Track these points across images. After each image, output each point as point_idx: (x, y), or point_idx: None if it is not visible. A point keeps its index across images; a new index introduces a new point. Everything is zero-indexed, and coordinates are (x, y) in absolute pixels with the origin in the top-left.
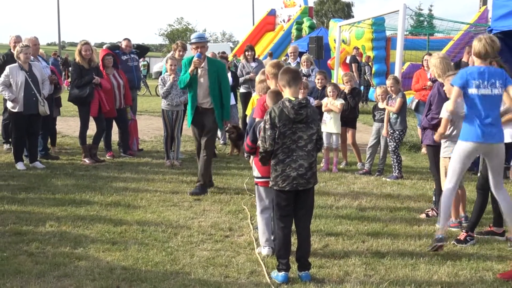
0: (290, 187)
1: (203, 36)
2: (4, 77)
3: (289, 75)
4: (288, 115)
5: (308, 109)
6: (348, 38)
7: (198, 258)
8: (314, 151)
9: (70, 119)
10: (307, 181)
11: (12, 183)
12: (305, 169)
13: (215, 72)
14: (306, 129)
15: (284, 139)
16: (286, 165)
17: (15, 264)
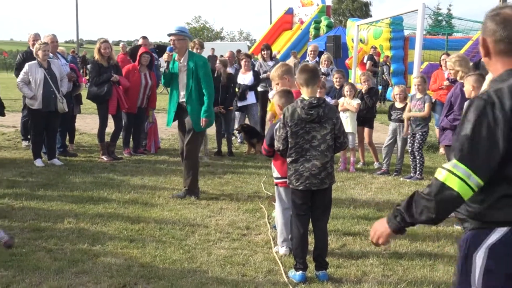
0: (303, 187)
1: (180, 28)
2: (23, 74)
3: (307, 74)
4: (300, 114)
5: (321, 109)
6: (366, 38)
7: (215, 256)
8: (329, 151)
9: (88, 117)
10: (321, 181)
11: (30, 180)
12: (319, 169)
13: (194, 68)
14: (320, 128)
15: (297, 138)
16: (300, 165)
17: (33, 260)
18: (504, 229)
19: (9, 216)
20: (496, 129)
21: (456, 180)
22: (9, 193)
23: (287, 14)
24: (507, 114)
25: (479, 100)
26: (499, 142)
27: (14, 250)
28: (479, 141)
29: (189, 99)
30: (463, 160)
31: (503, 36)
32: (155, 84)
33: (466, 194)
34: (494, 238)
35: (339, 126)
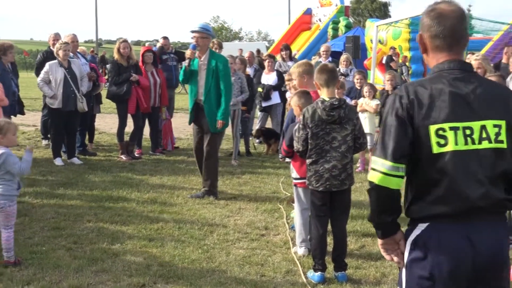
0: (323, 188)
1: (203, 26)
2: (44, 73)
3: (327, 75)
4: (321, 116)
5: (342, 110)
6: (385, 38)
7: (234, 256)
8: (349, 152)
9: (107, 116)
10: (341, 182)
11: (50, 179)
12: (339, 170)
13: (214, 68)
14: (340, 129)
15: (317, 139)
16: (320, 166)
17: (53, 258)
18: (425, 225)
19: (29, 214)
20: (401, 115)
21: (374, 173)
22: (29, 192)
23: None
24: (409, 103)
25: (391, 96)
26: (405, 126)
27: (34, 248)
28: (385, 131)
29: (206, 99)
30: (376, 153)
31: (438, 32)
32: (164, 81)
33: (386, 181)
34: (416, 233)
35: (359, 127)
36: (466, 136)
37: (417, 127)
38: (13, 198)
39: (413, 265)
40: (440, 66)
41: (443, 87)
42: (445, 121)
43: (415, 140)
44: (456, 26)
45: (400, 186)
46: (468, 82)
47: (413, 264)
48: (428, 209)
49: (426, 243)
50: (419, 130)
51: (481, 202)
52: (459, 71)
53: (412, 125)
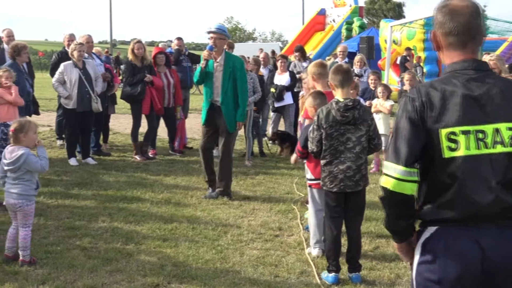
0: (337, 189)
1: (220, 27)
2: (59, 74)
3: (341, 76)
4: (335, 116)
5: (356, 110)
6: (399, 39)
7: (248, 257)
8: (363, 153)
9: (121, 117)
10: (356, 183)
11: (65, 179)
12: (353, 171)
13: (230, 68)
14: (354, 130)
15: (332, 140)
16: (334, 167)
17: (68, 258)
18: (434, 228)
19: (44, 214)
20: (413, 118)
21: (387, 179)
22: (44, 192)
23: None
24: (421, 105)
25: (403, 98)
26: (418, 129)
27: (49, 247)
28: (397, 134)
29: (224, 100)
30: (388, 158)
31: (451, 28)
32: (178, 81)
33: (400, 187)
34: (425, 236)
35: (374, 128)
36: (478, 140)
37: (429, 131)
38: (31, 197)
39: (422, 268)
40: (453, 66)
41: (455, 89)
42: (456, 125)
43: (427, 143)
44: (470, 22)
45: (414, 191)
46: (483, 82)
47: (422, 266)
48: (437, 213)
49: (434, 247)
50: (430, 134)
51: (490, 209)
52: (473, 71)
53: (424, 128)
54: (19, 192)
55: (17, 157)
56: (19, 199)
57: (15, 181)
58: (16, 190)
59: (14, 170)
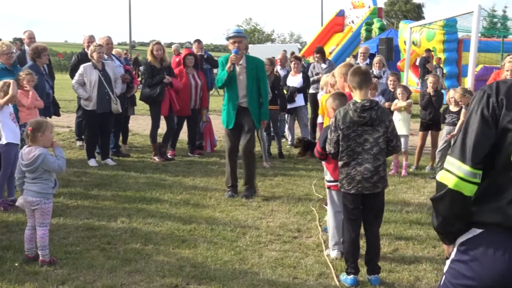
0: (355, 191)
1: (240, 31)
2: (79, 76)
3: (359, 77)
4: (352, 117)
5: (374, 111)
6: (419, 40)
7: (266, 258)
8: (381, 155)
9: (140, 118)
10: (374, 185)
11: (84, 179)
12: (371, 173)
13: (253, 70)
14: (372, 131)
15: (349, 141)
16: (351, 168)
17: (88, 258)
18: (478, 230)
19: (64, 214)
20: (486, 115)
21: (448, 175)
22: (64, 192)
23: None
24: (499, 104)
25: (479, 92)
26: (489, 128)
27: (69, 248)
28: (467, 130)
29: (250, 100)
30: (453, 153)
31: None
32: (204, 83)
33: (461, 187)
34: (467, 236)
35: (392, 129)
36: None
37: (501, 130)
38: (49, 196)
39: (456, 266)
40: None
41: None
42: None
43: (497, 143)
44: None
45: (473, 193)
46: None
47: (456, 264)
48: (486, 216)
49: (473, 249)
50: (503, 134)
51: None
52: None
53: (497, 127)
54: (37, 190)
55: (34, 158)
56: (37, 196)
57: (33, 180)
58: (34, 188)
59: (32, 171)
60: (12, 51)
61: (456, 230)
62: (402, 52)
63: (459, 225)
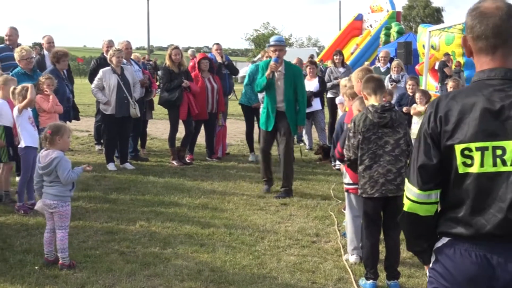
0: (379, 194)
1: (282, 39)
2: (98, 80)
3: (373, 83)
4: (372, 119)
5: (393, 112)
6: (438, 44)
7: (285, 262)
8: (403, 156)
9: (158, 122)
10: (397, 187)
11: (103, 183)
12: (394, 175)
13: (291, 76)
14: (392, 133)
15: (369, 144)
16: (374, 171)
17: (107, 262)
18: (446, 239)
19: (83, 218)
20: (427, 135)
21: (404, 197)
22: (83, 196)
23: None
24: (437, 121)
25: (427, 108)
26: (431, 148)
27: (88, 251)
28: (414, 151)
29: (287, 105)
30: (407, 175)
31: (480, 32)
32: (220, 87)
33: (414, 208)
34: (437, 245)
35: (408, 131)
36: (496, 157)
37: (444, 147)
38: (66, 199)
39: (433, 274)
40: (480, 74)
41: (476, 101)
42: (472, 141)
43: (444, 158)
44: (501, 24)
45: (433, 212)
46: (507, 94)
47: (433, 272)
48: (449, 226)
49: (444, 257)
50: (446, 150)
51: (498, 231)
52: (500, 80)
53: (439, 144)
54: (54, 193)
55: (50, 160)
56: (55, 199)
57: (50, 183)
58: (52, 190)
59: (48, 173)
60: (31, 56)
61: (424, 249)
62: (421, 56)
63: (424, 245)
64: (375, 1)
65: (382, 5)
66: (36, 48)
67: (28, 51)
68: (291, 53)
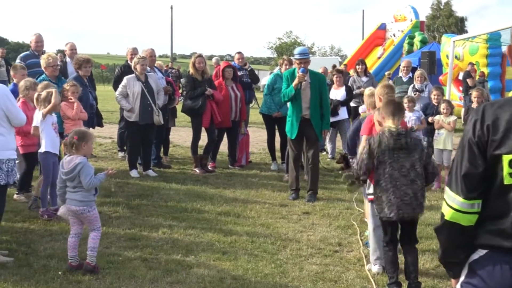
0: (396, 217)
1: (306, 52)
2: (122, 87)
3: (393, 107)
4: (388, 144)
5: (409, 138)
6: (462, 54)
7: (307, 272)
8: (419, 179)
9: (181, 129)
10: (413, 210)
11: (126, 190)
12: (410, 198)
13: (317, 85)
14: (408, 156)
15: (386, 167)
16: (391, 194)
17: (129, 268)
18: (483, 251)
19: (106, 224)
20: (473, 144)
21: (445, 206)
22: (106, 202)
23: (379, 30)
24: (483, 130)
25: (470, 115)
26: (477, 157)
27: (111, 258)
28: (458, 159)
29: (312, 113)
30: (449, 184)
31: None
32: (243, 96)
33: (457, 218)
34: (473, 258)
35: (427, 154)
36: None
37: (489, 157)
38: (91, 203)
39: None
40: None
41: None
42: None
43: (489, 168)
44: None
45: (474, 222)
46: None
47: (467, 286)
48: (489, 238)
49: (482, 270)
50: (492, 159)
51: None
52: None
53: (485, 153)
54: (79, 199)
55: (74, 166)
56: (80, 205)
57: (74, 189)
58: (76, 196)
59: (72, 179)
60: (57, 64)
61: (460, 261)
62: (445, 66)
63: (461, 256)
64: (399, 10)
65: (405, 14)
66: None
67: (55, 58)
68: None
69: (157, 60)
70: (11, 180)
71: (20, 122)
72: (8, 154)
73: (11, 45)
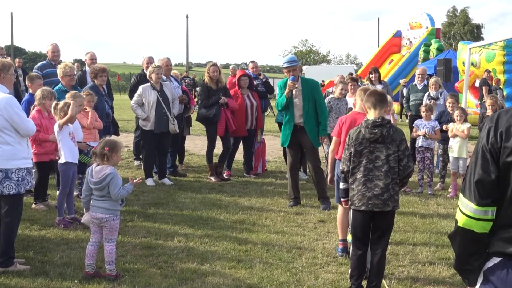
0: (365, 207)
1: (293, 59)
2: (137, 96)
3: (375, 97)
4: (364, 134)
5: (385, 128)
6: (478, 61)
7: (322, 280)
8: (392, 173)
9: (196, 138)
10: (384, 203)
11: (142, 198)
12: (381, 190)
13: (309, 91)
14: (383, 149)
15: (361, 157)
16: (362, 184)
17: (145, 276)
18: (498, 259)
19: (122, 232)
20: (486, 151)
21: (459, 213)
22: (122, 211)
23: (395, 37)
24: (497, 138)
25: (485, 122)
26: (490, 164)
27: (127, 266)
28: (472, 166)
29: (306, 120)
30: (463, 190)
31: None
32: (259, 104)
33: (470, 225)
34: (488, 265)
35: (404, 149)
36: None
37: (502, 164)
38: (117, 213)
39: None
40: None
41: None
42: None
43: (502, 175)
44: None
45: (487, 229)
46: None
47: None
48: (502, 246)
49: (495, 278)
50: (504, 167)
51: None
52: None
53: (498, 160)
54: (106, 207)
55: (104, 176)
56: (107, 213)
57: (102, 198)
58: (103, 205)
59: (101, 188)
60: (74, 73)
61: (474, 268)
62: (461, 73)
63: (475, 263)
64: (414, 17)
65: (421, 21)
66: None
67: (72, 68)
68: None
69: (173, 69)
70: (22, 189)
71: (27, 132)
72: (18, 163)
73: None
